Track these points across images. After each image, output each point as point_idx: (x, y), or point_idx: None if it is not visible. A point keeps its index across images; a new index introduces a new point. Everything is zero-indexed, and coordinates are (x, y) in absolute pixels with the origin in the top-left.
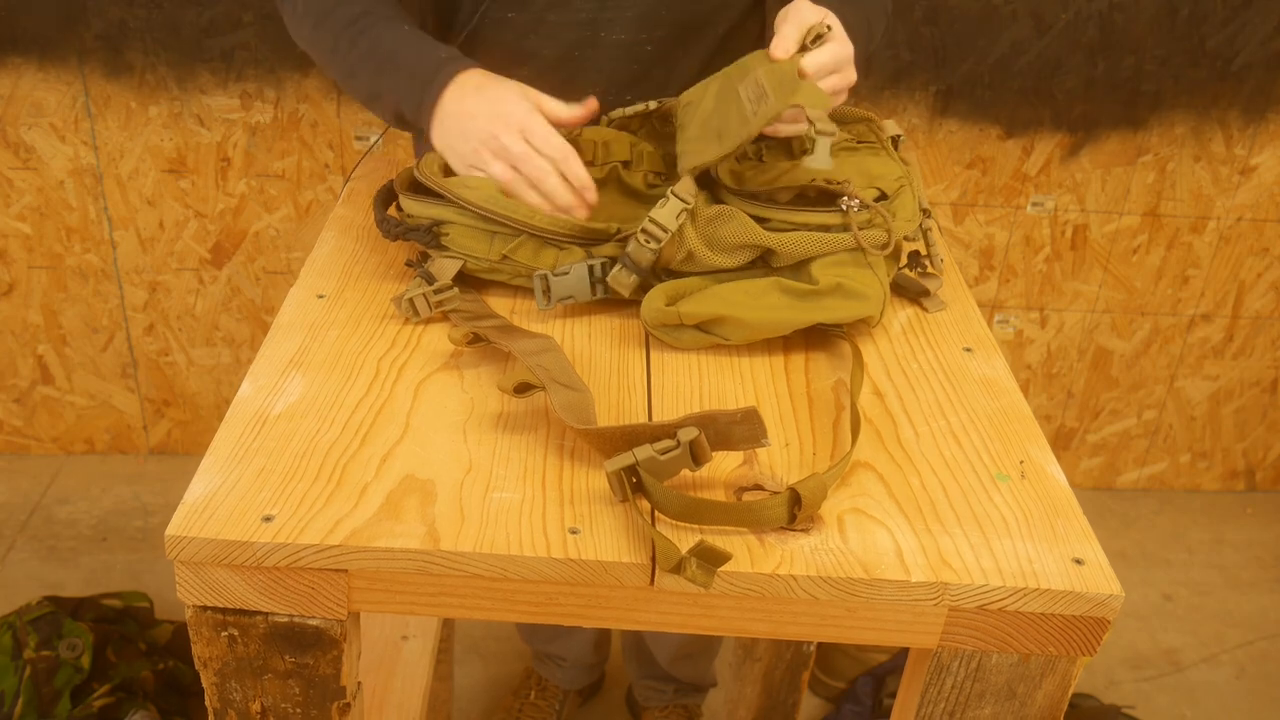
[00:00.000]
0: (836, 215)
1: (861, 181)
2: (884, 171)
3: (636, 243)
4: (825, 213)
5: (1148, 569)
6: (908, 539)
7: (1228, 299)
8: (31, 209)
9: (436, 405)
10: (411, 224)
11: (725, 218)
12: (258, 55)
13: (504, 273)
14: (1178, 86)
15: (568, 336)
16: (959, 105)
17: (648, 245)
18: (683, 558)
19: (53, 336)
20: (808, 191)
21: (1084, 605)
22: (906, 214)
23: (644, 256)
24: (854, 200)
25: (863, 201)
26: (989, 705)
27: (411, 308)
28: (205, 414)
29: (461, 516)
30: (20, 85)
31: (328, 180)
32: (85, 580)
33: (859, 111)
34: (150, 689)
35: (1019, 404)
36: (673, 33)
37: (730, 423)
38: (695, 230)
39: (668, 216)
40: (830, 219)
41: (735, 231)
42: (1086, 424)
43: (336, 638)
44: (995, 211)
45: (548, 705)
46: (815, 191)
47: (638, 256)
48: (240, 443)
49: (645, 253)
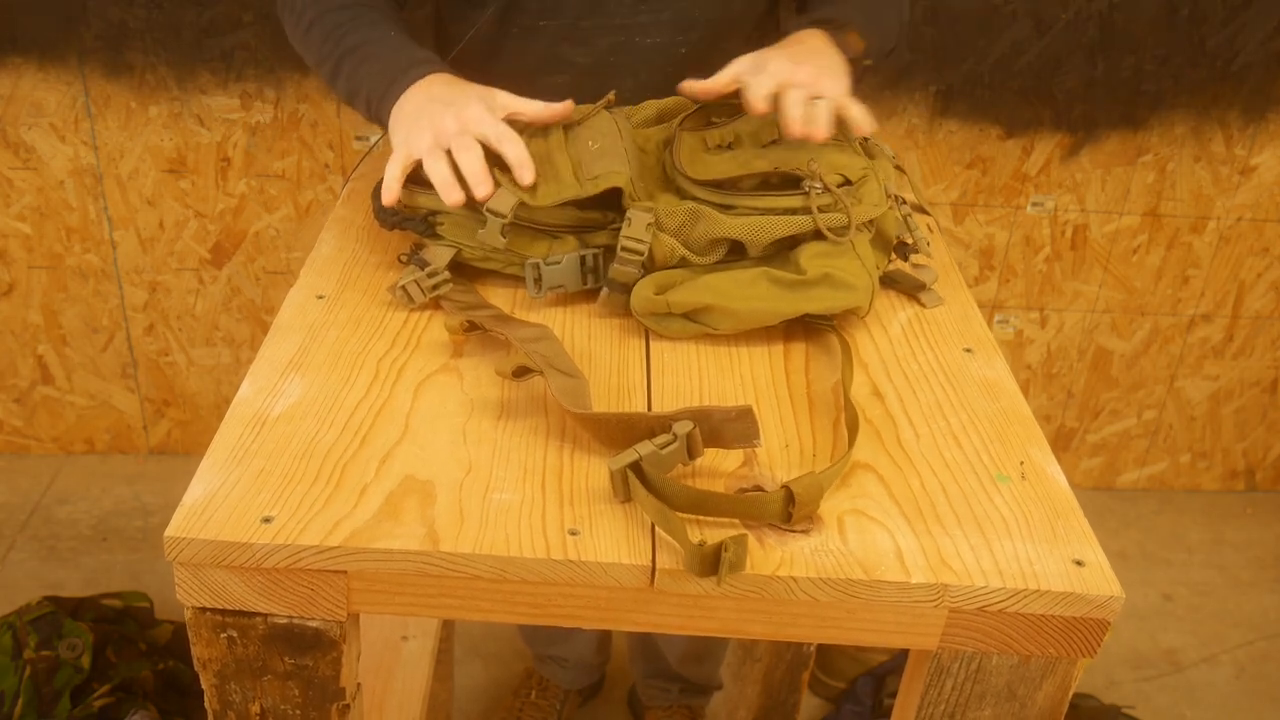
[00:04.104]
0: (799, 198)
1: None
2: (849, 163)
3: (618, 265)
4: (789, 196)
5: (1148, 569)
6: (908, 540)
7: (1228, 299)
8: (31, 209)
9: (436, 406)
10: (407, 214)
11: (693, 218)
12: (258, 55)
13: (498, 261)
14: (1178, 86)
15: (567, 335)
16: (959, 105)
17: (630, 262)
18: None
19: (53, 336)
20: (770, 179)
21: (1084, 607)
22: (872, 200)
23: (629, 276)
24: (817, 183)
25: (825, 185)
26: (989, 706)
27: (405, 295)
28: (205, 414)
29: (461, 517)
30: (20, 85)
31: (328, 180)
32: (85, 580)
33: None
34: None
35: (1019, 405)
36: (707, 34)
37: (725, 419)
38: (671, 237)
39: (639, 230)
40: (794, 202)
41: (705, 230)
42: (1086, 424)
43: (336, 639)
44: (995, 211)
45: (548, 705)
46: (778, 178)
47: (623, 278)
48: (239, 444)
49: (629, 273)
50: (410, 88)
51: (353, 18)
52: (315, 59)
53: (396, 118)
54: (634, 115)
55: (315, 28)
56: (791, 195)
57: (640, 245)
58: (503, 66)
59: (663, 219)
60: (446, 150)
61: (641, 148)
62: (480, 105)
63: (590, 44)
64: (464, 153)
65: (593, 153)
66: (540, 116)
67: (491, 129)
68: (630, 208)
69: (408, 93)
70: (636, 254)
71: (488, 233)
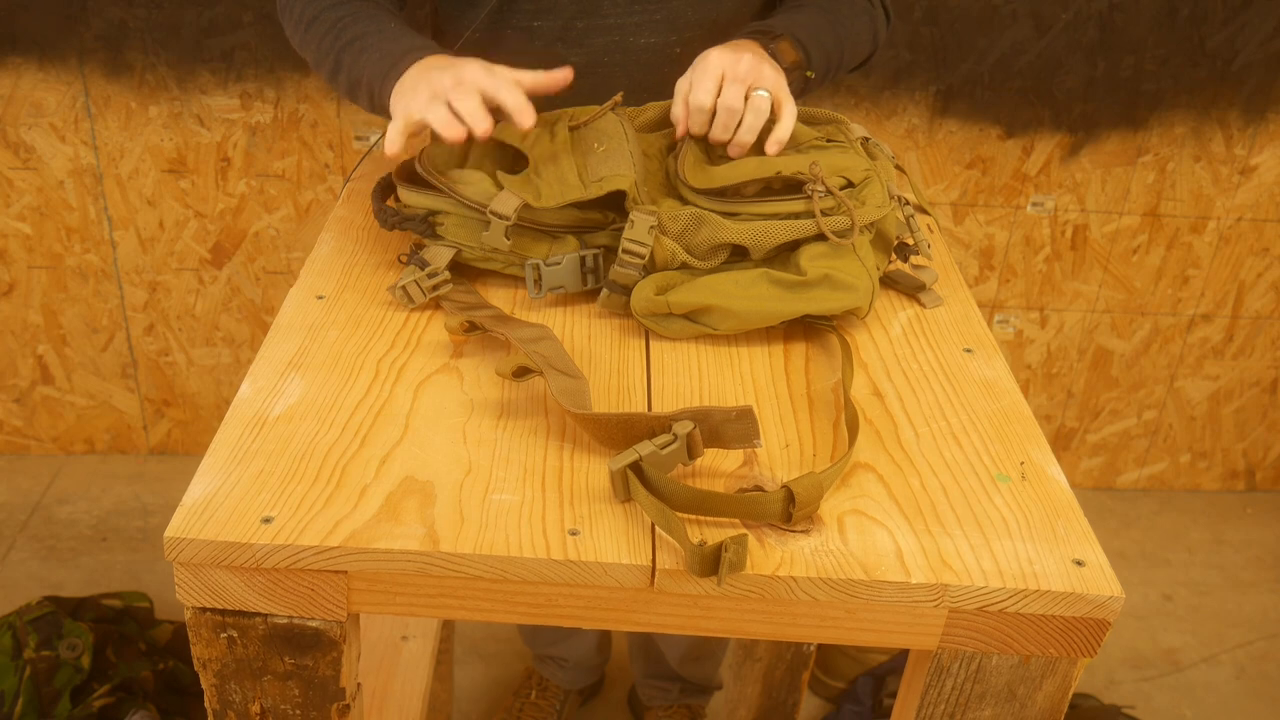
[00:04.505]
0: (802, 202)
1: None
2: (851, 165)
3: (619, 267)
4: (791, 200)
5: (1148, 569)
6: (908, 540)
7: (1228, 299)
8: (31, 209)
9: (436, 406)
10: (407, 214)
11: (695, 223)
12: (258, 55)
13: (498, 261)
14: (1178, 86)
15: (567, 334)
16: (959, 105)
17: (631, 265)
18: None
19: (53, 336)
20: (773, 184)
21: (1084, 606)
22: (875, 201)
23: (629, 279)
24: (820, 186)
25: (828, 187)
26: (989, 706)
27: (405, 295)
28: (205, 414)
29: (461, 518)
30: (20, 85)
31: (328, 180)
32: (85, 580)
33: (828, 113)
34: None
35: (1019, 405)
36: (700, 33)
37: (725, 420)
38: (672, 241)
39: (641, 233)
40: (797, 206)
41: (708, 236)
42: (1086, 424)
43: (336, 639)
44: (995, 211)
45: (548, 705)
46: (781, 183)
47: (624, 280)
48: (239, 444)
49: (630, 275)
50: (410, 68)
51: (352, 13)
52: (316, 56)
53: (397, 93)
54: (637, 118)
55: (315, 25)
56: (794, 200)
57: (642, 249)
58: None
59: (665, 223)
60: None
61: (645, 152)
62: (477, 65)
63: (584, 44)
64: (462, 100)
65: (598, 155)
66: (539, 84)
67: (488, 81)
68: (633, 210)
69: (407, 72)
70: (638, 256)
71: (491, 235)
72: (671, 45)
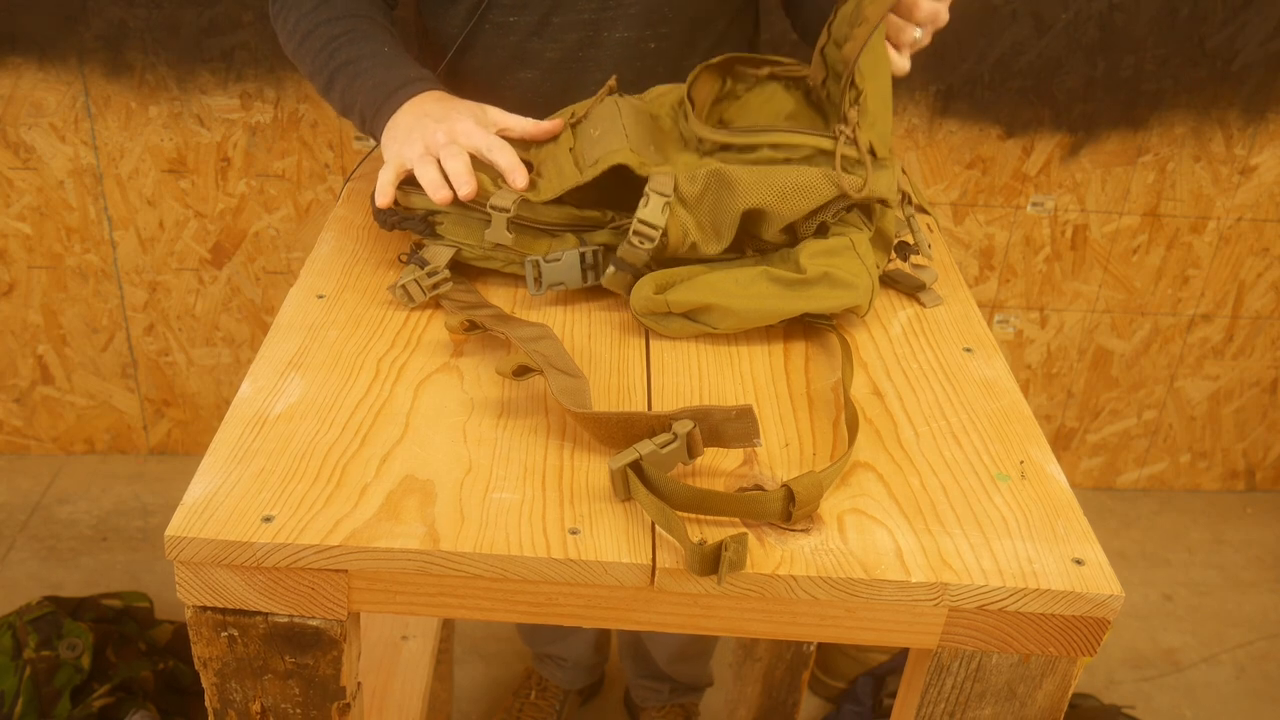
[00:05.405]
0: (828, 140)
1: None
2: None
3: (629, 245)
4: (819, 136)
5: (1148, 569)
6: (908, 539)
7: (1228, 299)
8: (31, 209)
9: (436, 405)
10: (406, 214)
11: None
12: (258, 55)
13: (498, 260)
14: (1178, 86)
15: (567, 333)
16: (959, 105)
17: (641, 246)
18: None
19: (53, 336)
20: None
21: (1084, 605)
22: (888, 181)
23: (638, 257)
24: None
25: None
26: (989, 705)
27: (405, 294)
28: (205, 414)
29: (461, 517)
30: (20, 85)
31: (328, 180)
32: (85, 580)
33: None
34: (150, 689)
35: (1019, 404)
36: (676, 29)
37: (725, 419)
38: (689, 214)
39: (654, 213)
40: (824, 143)
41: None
42: (1086, 424)
43: (336, 638)
44: (995, 211)
45: (548, 705)
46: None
47: (631, 258)
48: (240, 443)
49: (639, 254)
50: (403, 105)
51: (346, 30)
52: (309, 71)
53: (390, 134)
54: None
55: (309, 40)
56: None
57: (654, 231)
58: (473, 61)
59: (682, 184)
60: (436, 159)
61: (654, 114)
62: (470, 120)
63: (560, 39)
64: (451, 160)
65: (593, 139)
66: (530, 133)
67: (482, 140)
68: (650, 175)
69: (401, 110)
70: (649, 238)
71: (493, 230)
72: (646, 40)
